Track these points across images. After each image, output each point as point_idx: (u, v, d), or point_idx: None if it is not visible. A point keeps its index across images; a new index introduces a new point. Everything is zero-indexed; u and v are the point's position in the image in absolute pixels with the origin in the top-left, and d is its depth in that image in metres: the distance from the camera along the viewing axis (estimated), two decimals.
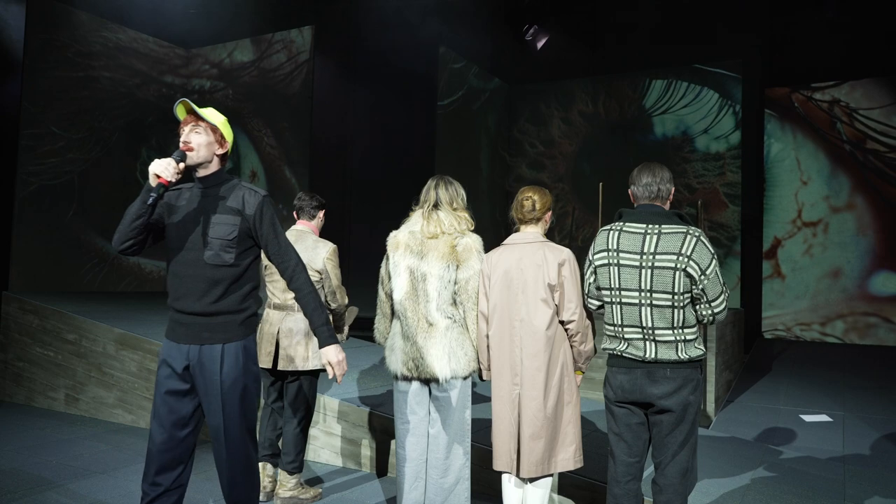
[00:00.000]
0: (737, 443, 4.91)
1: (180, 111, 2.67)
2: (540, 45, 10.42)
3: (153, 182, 2.50)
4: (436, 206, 3.20)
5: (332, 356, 2.66)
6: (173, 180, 2.52)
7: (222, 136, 2.73)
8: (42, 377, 6.33)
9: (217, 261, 2.59)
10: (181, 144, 2.62)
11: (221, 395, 2.58)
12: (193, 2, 8.15)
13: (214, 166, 2.71)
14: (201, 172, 2.69)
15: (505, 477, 3.15)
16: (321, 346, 2.68)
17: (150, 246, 2.68)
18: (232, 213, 2.65)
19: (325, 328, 2.68)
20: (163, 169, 2.49)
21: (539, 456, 3.01)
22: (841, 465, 4.48)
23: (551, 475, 3.11)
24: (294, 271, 2.70)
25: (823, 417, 5.70)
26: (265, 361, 3.87)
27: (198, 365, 2.59)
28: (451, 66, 9.74)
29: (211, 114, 2.72)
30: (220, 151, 2.72)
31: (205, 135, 2.66)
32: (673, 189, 2.82)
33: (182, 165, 2.56)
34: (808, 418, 5.68)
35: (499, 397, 3.10)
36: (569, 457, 3.08)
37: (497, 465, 3.11)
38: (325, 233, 4.20)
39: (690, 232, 2.65)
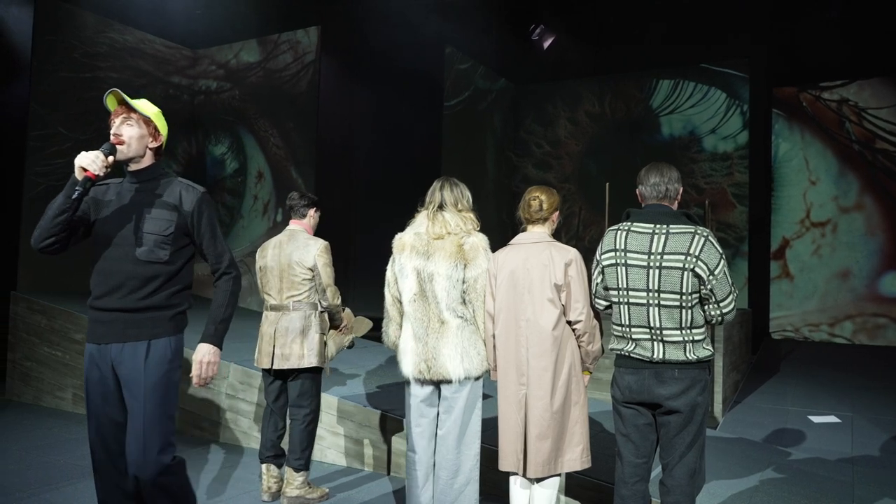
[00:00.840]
0: (744, 444, 4.89)
1: (110, 102, 2.52)
2: (546, 45, 10.40)
3: (79, 175, 2.35)
4: (441, 207, 3.20)
5: (200, 353, 2.53)
6: (101, 174, 2.37)
7: (156, 129, 2.58)
8: (50, 377, 6.35)
9: (151, 257, 2.46)
10: (111, 137, 2.47)
11: (144, 393, 2.42)
12: (199, 2, 8.17)
13: (148, 160, 2.57)
14: (133, 167, 2.55)
15: (512, 478, 3.14)
16: (201, 339, 2.56)
17: (75, 245, 2.55)
18: (168, 209, 2.51)
19: (213, 326, 2.56)
20: (90, 162, 2.34)
21: (545, 456, 3.00)
22: (850, 467, 4.46)
23: (559, 475, 3.10)
24: (224, 272, 2.61)
25: (832, 418, 5.67)
26: (264, 362, 3.90)
27: (120, 363, 2.45)
28: (457, 67, 9.73)
29: (143, 105, 2.58)
30: (154, 145, 2.58)
31: (137, 127, 2.51)
32: (681, 189, 2.81)
33: (111, 159, 2.41)
34: (816, 419, 5.65)
35: (505, 397, 3.10)
36: (575, 457, 3.06)
37: (503, 465, 3.10)
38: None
39: (699, 232, 2.63)
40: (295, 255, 3.90)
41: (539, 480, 3.08)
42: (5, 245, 7.14)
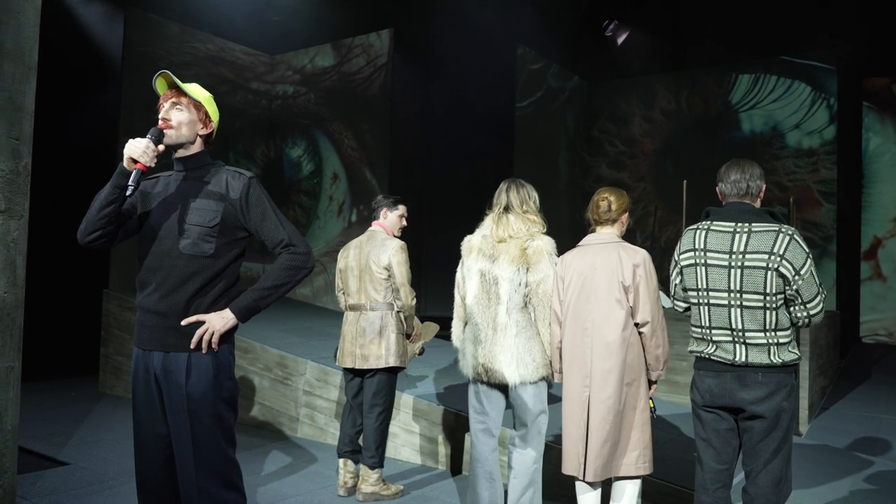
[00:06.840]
0: (832, 452, 4.67)
1: (160, 85, 2.38)
2: (620, 41, 10.22)
3: (128, 166, 2.18)
4: (507, 209, 3.24)
5: (213, 317, 2.23)
6: (152, 165, 2.21)
7: (207, 115, 2.42)
8: None
9: (194, 251, 2.25)
10: (160, 122, 2.32)
11: (188, 409, 2.20)
12: (276, 10, 8.41)
13: (196, 147, 2.40)
14: (181, 153, 2.38)
15: (577, 481, 3.12)
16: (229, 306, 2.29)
17: (122, 240, 2.36)
18: (214, 199, 2.31)
19: (252, 293, 2.28)
20: (140, 153, 2.17)
21: (604, 460, 2.98)
22: None
23: (639, 478, 3.06)
24: (282, 251, 2.33)
25: None
26: (347, 361, 4.00)
27: (162, 374, 2.24)
28: (529, 67, 9.68)
29: (194, 89, 2.43)
30: (204, 131, 2.40)
31: (187, 112, 2.35)
32: (764, 186, 2.71)
33: (161, 147, 2.26)
34: None
35: (570, 399, 3.08)
36: (631, 462, 3.03)
37: (566, 468, 3.09)
38: (402, 234, 4.23)
39: (783, 230, 2.54)
40: (372, 254, 3.99)
41: (618, 480, 3.04)
42: None
